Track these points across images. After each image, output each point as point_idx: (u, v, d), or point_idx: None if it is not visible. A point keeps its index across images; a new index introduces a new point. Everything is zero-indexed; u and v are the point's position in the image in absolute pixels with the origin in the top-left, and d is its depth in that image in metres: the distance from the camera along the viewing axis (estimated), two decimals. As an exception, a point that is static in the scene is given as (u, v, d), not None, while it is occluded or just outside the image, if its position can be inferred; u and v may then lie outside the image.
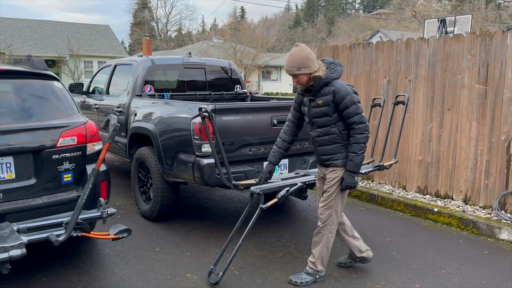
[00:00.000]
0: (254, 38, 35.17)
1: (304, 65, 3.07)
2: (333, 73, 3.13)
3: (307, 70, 3.08)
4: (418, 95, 5.49)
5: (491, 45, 4.76)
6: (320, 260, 3.34)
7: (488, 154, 4.86)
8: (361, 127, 3.09)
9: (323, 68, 3.12)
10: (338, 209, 3.30)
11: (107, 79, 6.09)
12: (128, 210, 5.08)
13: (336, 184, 3.23)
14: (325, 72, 3.11)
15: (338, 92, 3.07)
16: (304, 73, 3.09)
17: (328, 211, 3.27)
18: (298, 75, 3.12)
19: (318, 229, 3.34)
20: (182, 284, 3.33)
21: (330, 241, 3.34)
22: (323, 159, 3.29)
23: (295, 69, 3.10)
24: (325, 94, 3.11)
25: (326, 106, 3.13)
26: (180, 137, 4.17)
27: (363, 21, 57.03)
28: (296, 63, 3.08)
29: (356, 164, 3.13)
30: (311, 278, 3.34)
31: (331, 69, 3.14)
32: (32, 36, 29.03)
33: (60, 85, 3.68)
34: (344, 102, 3.07)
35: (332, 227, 3.31)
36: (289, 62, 3.11)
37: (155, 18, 57.65)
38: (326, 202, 3.28)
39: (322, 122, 3.19)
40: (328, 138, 3.21)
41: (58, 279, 3.38)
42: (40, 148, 3.23)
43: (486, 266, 3.75)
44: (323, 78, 3.10)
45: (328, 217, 3.28)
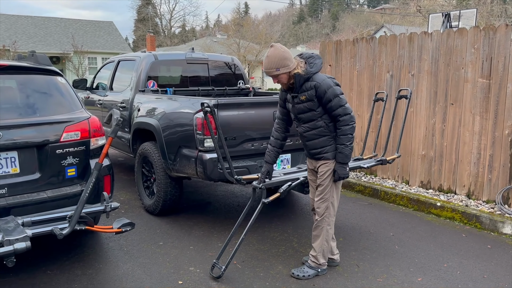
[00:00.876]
0: (258, 33, 35.10)
1: (281, 64, 3.07)
2: (313, 68, 3.13)
3: (285, 69, 3.09)
4: (421, 89, 5.48)
5: (494, 39, 4.74)
6: (321, 253, 3.37)
7: (491, 149, 4.85)
8: (346, 119, 3.12)
9: (301, 65, 3.12)
10: (334, 201, 3.34)
11: (111, 75, 6.12)
12: (132, 205, 5.12)
13: (329, 177, 3.26)
14: (304, 68, 3.11)
15: (319, 87, 3.08)
16: (283, 72, 3.10)
17: (325, 204, 3.30)
18: (277, 75, 3.12)
19: (317, 223, 3.37)
20: (185, 278, 3.36)
21: (330, 233, 3.37)
22: (313, 153, 3.31)
23: (273, 70, 3.09)
24: (307, 90, 3.12)
25: (309, 102, 3.14)
26: (183, 132, 4.18)
27: (367, 16, 56.76)
28: (274, 64, 3.08)
29: (346, 155, 3.17)
30: (313, 272, 3.37)
31: (310, 63, 3.14)
32: (36, 32, 29.14)
33: (64, 81, 3.70)
34: (326, 95, 3.08)
35: (330, 219, 3.35)
36: (267, 64, 3.11)
37: (158, 14, 57.65)
38: (321, 195, 3.31)
39: (308, 117, 3.21)
40: (316, 132, 3.23)
41: (62, 272, 3.41)
42: (44, 143, 3.26)
43: (489, 260, 3.75)
44: (303, 75, 3.11)
45: (325, 210, 3.31)
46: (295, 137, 4.45)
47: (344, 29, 49.65)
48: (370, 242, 4.10)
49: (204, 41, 37.40)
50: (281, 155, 4.43)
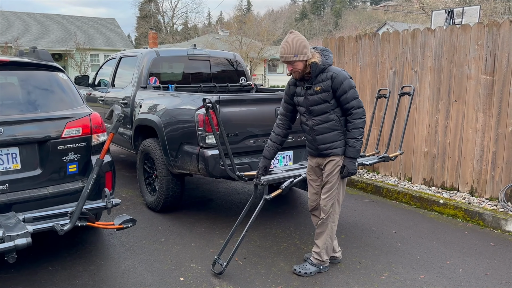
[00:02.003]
0: (260, 31, 35.01)
1: (300, 52, 3.04)
2: (328, 60, 3.13)
3: (303, 57, 3.05)
4: (424, 86, 5.45)
5: (498, 35, 4.70)
6: (325, 250, 3.35)
7: (494, 146, 4.82)
8: (359, 112, 3.10)
9: (317, 55, 3.10)
10: (339, 198, 3.32)
11: (113, 71, 6.11)
12: (134, 202, 5.12)
13: (337, 174, 3.23)
14: (321, 59, 3.10)
15: (336, 77, 3.06)
16: (300, 59, 3.06)
17: (331, 201, 3.28)
18: (294, 62, 3.08)
19: (322, 220, 3.34)
20: (186, 274, 3.36)
21: (334, 230, 3.36)
22: (322, 148, 3.24)
23: (291, 55, 3.05)
24: (322, 81, 3.09)
25: (324, 92, 3.10)
26: (184, 129, 4.17)
27: (370, 14, 56.57)
28: (292, 50, 3.04)
29: (357, 150, 3.13)
30: (315, 269, 3.36)
31: (325, 55, 3.13)
32: (39, 29, 29.15)
33: (65, 76, 3.69)
34: (342, 87, 3.06)
35: (335, 216, 3.34)
36: (285, 49, 3.06)
37: (161, 11, 57.59)
38: (329, 193, 3.27)
39: (321, 109, 3.16)
40: (327, 126, 3.18)
41: (63, 268, 3.41)
42: (45, 139, 3.26)
43: (492, 257, 3.73)
44: (319, 65, 3.09)
45: (331, 207, 3.29)
46: (297, 134, 4.43)
47: (347, 27, 49.49)
48: (372, 239, 4.08)
49: (206, 38, 37.34)
50: (283, 151, 4.43)
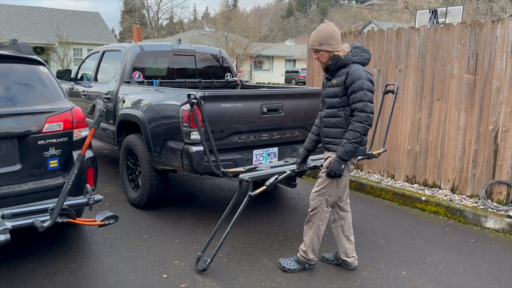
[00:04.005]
0: (246, 27, 34.95)
1: (326, 41, 3.03)
2: (355, 56, 3.07)
3: (328, 48, 3.05)
4: (407, 84, 5.50)
5: (480, 35, 4.77)
6: (311, 248, 3.31)
7: (476, 144, 4.90)
8: (361, 115, 2.98)
9: (345, 50, 3.08)
10: (331, 198, 3.23)
11: (96, 65, 6.01)
12: (117, 198, 5.05)
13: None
14: (346, 54, 3.07)
15: (351, 75, 3.01)
16: (325, 49, 3.05)
17: (319, 198, 3.23)
18: (319, 51, 3.08)
19: (308, 217, 3.30)
20: (170, 271, 3.33)
21: (321, 229, 3.29)
22: (325, 141, 3.23)
23: (317, 43, 3.06)
24: (340, 75, 3.08)
25: (338, 87, 3.08)
26: (169, 125, 4.13)
27: (355, 12, 56.97)
28: (319, 38, 3.05)
29: (345, 151, 3.02)
30: (299, 266, 3.34)
31: (354, 52, 3.10)
32: (20, 22, 28.54)
33: (46, 70, 3.61)
34: (353, 85, 2.99)
35: (323, 215, 3.26)
36: (313, 36, 3.09)
37: (146, 5, 56.98)
38: (318, 188, 3.23)
39: (331, 103, 3.14)
40: (333, 121, 3.15)
41: (44, 266, 3.35)
42: (25, 133, 3.18)
43: (472, 254, 3.80)
44: (342, 59, 3.06)
45: (319, 204, 3.23)
46: (283, 130, 4.43)
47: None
48: (356, 235, 4.11)
49: (192, 34, 37.08)
50: (268, 148, 4.42)
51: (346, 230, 3.44)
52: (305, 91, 4.65)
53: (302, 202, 5.12)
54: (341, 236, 3.43)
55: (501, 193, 4.73)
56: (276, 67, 39.78)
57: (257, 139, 4.27)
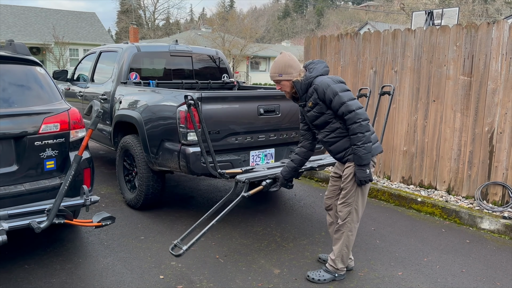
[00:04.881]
0: (243, 28, 34.94)
1: (285, 71, 3.09)
2: (312, 72, 3.08)
3: (287, 77, 3.09)
4: (404, 86, 5.53)
5: (476, 37, 4.80)
6: (340, 258, 3.24)
7: (471, 145, 4.93)
8: (350, 117, 2.95)
9: (301, 73, 3.11)
10: (358, 207, 3.18)
11: (92, 66, 6.00)
12: (113, 199, 5.05)
13: (352, 180, 3.10)
14: (303, 75, 3.09)
15: (318, 88, 3.01)
16: (285, 79, 3.11)
17: (347, 209, 3.16)
18: (280, 81, 3.13)
19: (338, 227, 3.24)
20: (166, 272, 3.33)
21: (351, 239, 3.23)
22: (339, 157, 3.17)
23: (276, 74, 3.12)
24: (310, 95, 3.07)
25: (317, 106, 3.05)
26: (165, 125, 4.13)
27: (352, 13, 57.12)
28: (277, 70, 3.11)
29: (360, 157, 2.96)
30: (329, 276, 3.25)
31: (310, 69, 3.11)
32: (16, 22, 28.41)
33: (43, 71, 3.61)
34: (326, 95, 2.99)
35: (352, 225, 3.20)
36: (272, 69, 3.15)
37: (142, 6, 56.87)
38: (344, 199, 3.17)
39: (322, 122, 3.11)
40: (335, 135, 3.10)
41: (40, 267, 3.34)
42: (22, 134, 3.18)
43: (467, 254, 3.82)
44: (302, 81, 3.08)
45: (348, 215, 3.17)
46: (279, 131, 4.44)
47: (329, 26, 49.86)
48: (352, 236, 4.13)
49: (188, 34, 37.04)
50: (265, 149, 4.43)
51: None
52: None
53: (299, 203, 5.14)
54: None
55: (496, 194, 4.76)
56: (272, 67, 39.73)
57: (254, 140, 4.28)
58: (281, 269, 3.42)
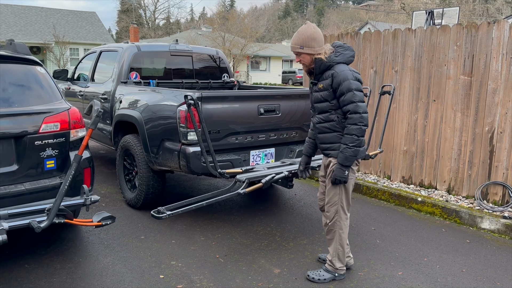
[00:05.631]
0: (243, 27, 34.96)
1: (307, 44, 2.95)
2: (338, 57, 2.96)
3: (309, 50, 2.96)
4: (404, 85, 5.53)
5: (476, 36, 4.80)
6: (336, 257, 3.24)
7: (471, 145, 4.93)
8: (354, 117, 2.89)
9: (327, 51, 2.97)
10: (344, 204, 3.16)
11: (92, 65, 6.00)
12: (113, 199, 5.05)
13: None
14: (328, 55, 2.96)
15: (336, 77, 2.91)
16: (307, 52, 2.97)
17: (334, 208, 3.16)
18: (300, 54, 3.00)
19: (328, 227, 3.24)
20: (166, 272, 3.33)
21: (343, 237, 3.22)
22: (323, 147, 3.16)
23: (297, 46, 2.98)
24: (325, 78, 2.97)
25: (325, 91, 2.98)
26: (166, 125, 4.13)
27: (352, 13, 57.08)
28: (299, 41, 2.97)
29: (346, 157, 2.93)
30: (329, 276, 3.25)
31: (337, 52, 2.98)
32: (16, 22, 28.43)
33: (43, 70, 3.61)
34: (340, 87, 2.90)
35: (342, 223, 3.19)
36: (294, 39, 3.00)
37: (142, 5, 56.90)
38: (329, 198, 3.17)
39: (322, 107, 3.06)
40: (327, 126, 3.07)
41: (41, 266, 3.35)
42: (22, 134, 3.18)
43: (467, 254, 3.82)
44: (325, 61, 2.95)
45: (335, 214, 3.16)
46: (280, 131, 4.44)
47: (329, 25, 49.85)
48: (352, 236, 4.13)
49: (188, 34, 37.05)
50: (265, 149, 4.43)
51: None
52: (302, 92, 4.66)
53: (299, 202, 5.14)
54: None
55: (496, 194, 4.76)
56: (273, 67, 39.82)
57: (254, 139, 4.28)
58: (281, 269, 3.42)
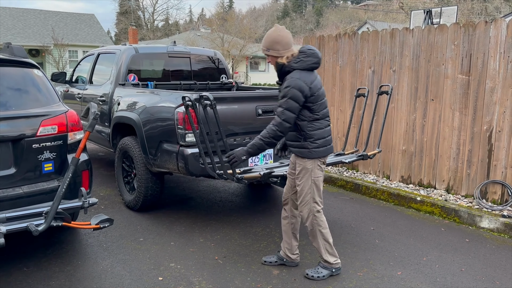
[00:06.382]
0: (242, 28, 34.95)
1: (272, 47, 3.05)
2: (297, 63, 3.03)
3: (274, 53, 3.06)
4: (402, 85, 5.53)
5: (474, 35, 4.80)
6: (326, 253, 3.28)
7: (470, 144, 4.93)
8: (276, 120, 3.03)
9: (290, 56, 3.05)
10: (316, 201, 3.22)
11: (90, 68, 6.00)
12: (112, 201, 5.05)
13: (306, 176, 3.16)
14: (289, 60, 3.05)
15: (286, 81, 3.03)
16: (271, 55, 3.07)
17: (307, 207, 3.21)
18: (267, 56, 3.12)
19: (307, 227, 3.28)
20: (165, 274, 3.33)
21: (324, 232, 3.25)
22: (287, 143, 3.28)
23: (264, 48, 3.10)
24: (284, 82, 3.08)
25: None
26: (164, 127, 4.13)
27: (351, 12, 57.09)
28: (266, 43, 3.08)
29: (252, 144, 3.09)
30: (327, 272, 3.28)
31: (297, 58, 3.05)
32: (15, 24, 28.41)
33: (40, 73, 3.61)
34: (282, 91, 3.03)
35: (318, 220, 3.23)
36: (263, 41, 3.12)
37: (141, 7, 56.90)
38: (301, 197, 3.21)
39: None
40: None
41: (39, 269, 3.34)
42: (19, 137, 3.17)
43: (467, 253, 3.81)
44: (285, 66, 3.06)
45: (309, 213, 3.21)
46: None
47: (328, 25, 49.86)
48: (351, 236, 4.13)
49: (187, 35, 37.04)
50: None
51: (296, 228, 3.47)
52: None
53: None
54: (289, 233, 3.45)
55: (495, 192, 4.75)
56: (272, 68, 39.38)
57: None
58: (280, 270, 3.42)
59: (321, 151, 3.15)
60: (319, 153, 3.14)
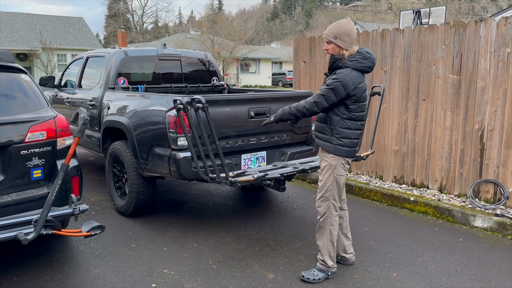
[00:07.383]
0: (232, 30, 34.93)
1: (341, 37, 3.06)
2: (351, 62, 3.07)
3: (339, 42, 3.06)
4: (393, 85, 5.53)
5: (464, 35, 4.82)
6: (328, 255, 3.26)
7: (462, 143, 4.94)
8: (309, 100, 3.15)
9: (349, 52, 3.08)
10: (336, 199, 3.22)
11: (79, 72, 5.92)
12: (103, 206, 4.97)
13: (328, 172, 3.17)
14: (346, 56, 3.08)
15: (336, 74, 3.06)
16: (336, 44, 3.08)
17: (325, 203, 3.20)
18: (331, 43, 3.10)
19: (319, 224, 3.27)
20: (159, 280, 3.27)
21: (333, 234, 3.25)
22: (315, 134, 3.32)
23: (332, 35, 3.08)
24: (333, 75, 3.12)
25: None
26: (155, 131, 4.07)
27: (340, 14, 57.38)
28: (336, 31, 3.08)
29: (283, 109, 3.28)
30: (323, 275, 3.26)
31: (353, 57, 3.08)
32: (2, 29, 28.11)
33: (28, 78, 3.54)
34: (329, 80, 3.07)
35: (333, 219, 3.23)
36: (331, 27, 3.11)
37: (130, 10, 56.62)
38: (321, 193, 3.22)
39: None
40: (322, 116, 3.23)
41: (29, 278, 3.27)
42: (7, 143, 3.10)
43: (461, 253, 3.81)
44: (340, 61, 3.08)
45: (326, 209, 3.20)
46: (271, 134, 4.41)
47: (318, 26, 50.05)
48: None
49: (177, 37, 36.92)
50: (257, 152, 4.39)
51: (344, 228, 3.48)
52: (292, 94, 4.63)
53: (292, 205, 5.10)
54: (339, 234, 3.45)
55: (488, 191, 4.77)
56: (262, 69, 39.83)
57: (245, 143, 4.24)
58: (275, 274, 3.38)
59: (345, 151, 3.17)
60: (342, 152, 3.16)
